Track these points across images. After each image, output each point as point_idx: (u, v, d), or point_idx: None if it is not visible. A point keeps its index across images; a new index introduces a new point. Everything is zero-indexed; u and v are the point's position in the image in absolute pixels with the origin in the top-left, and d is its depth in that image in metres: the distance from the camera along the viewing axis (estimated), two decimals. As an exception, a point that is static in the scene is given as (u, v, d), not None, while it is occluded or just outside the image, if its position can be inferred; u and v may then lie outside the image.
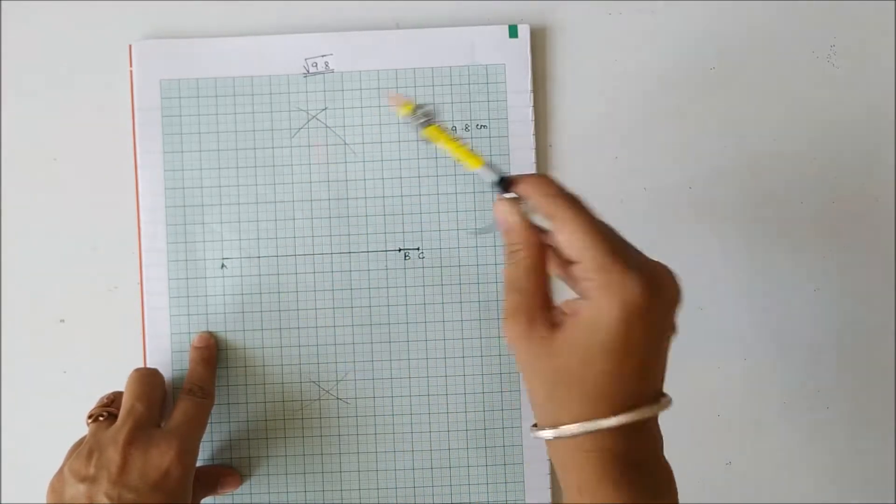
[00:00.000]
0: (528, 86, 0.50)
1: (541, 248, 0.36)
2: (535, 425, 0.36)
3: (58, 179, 0.50)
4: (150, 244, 0.49)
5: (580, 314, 0.34)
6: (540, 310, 0.35)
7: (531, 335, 0.35)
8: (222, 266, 0.50)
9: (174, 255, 0.49)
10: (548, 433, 0.35)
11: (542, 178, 0.36)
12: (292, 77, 0.50)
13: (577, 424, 0.34)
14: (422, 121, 0.39)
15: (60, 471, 0.42)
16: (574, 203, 0.35)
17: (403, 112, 0.39)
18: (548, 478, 0.49)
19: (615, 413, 0.33)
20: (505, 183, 0.37)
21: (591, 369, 0.34)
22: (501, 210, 0.37)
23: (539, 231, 0.36)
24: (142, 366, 0.49)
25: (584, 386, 0.34)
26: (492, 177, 0.37)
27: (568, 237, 0.34)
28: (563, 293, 0.36)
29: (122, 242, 0.50)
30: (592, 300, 0.33)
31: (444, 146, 0.39)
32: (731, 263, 0.51)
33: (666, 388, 0.51)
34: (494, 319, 0.50)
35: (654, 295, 0.33)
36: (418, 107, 0.39)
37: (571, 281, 0.36)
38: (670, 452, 0.51)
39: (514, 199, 0.37)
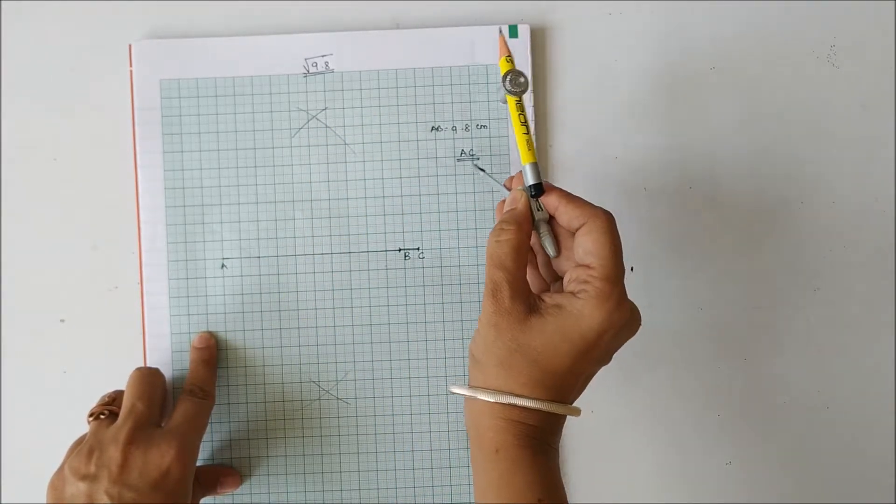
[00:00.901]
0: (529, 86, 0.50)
1: (528, 237, 0.40)
2: (470, 386, 0.39)
3: (58, 179, 0.50)
4: (150, 244, 0.49)
5: (564, 307, 0.37)
6: (521, 289, 0.38)
7: (511, 310, 0.37)
8: (222, 266, 0.50)
9: (174, 255, 0.49)
10: (487, 395, 0.37)
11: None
12: (292, 77, 0.50)
13: (523, 399, 0.37)
14: (510, 89, 0.41)
15: (61, 469, 0.42)
16: (609, 218, 0.39)
17: (501, 67, 0.42)
18: (548, 478, 0.49)
19: (552, 399, 0.37)
20: (539, 189, 0.40)
21: (550, 355, 0.37)
22: (516, 195, 0.41)
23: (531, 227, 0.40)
24: (142, 365, 0.49)
25: (537, 366, 0.37)
26: (533, 178, 0.40)
27: (593, 244, 0.38)
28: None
29: (122, 242, 0.50)
30: (583, 301, 0.37)
31: (513, 124, 0.41)
32: (731, 263, 0.51)
33: (667, 388, 0.51)
34: (494, 319, 0.49)
35: (628, 327, 0.38)
36: (517, 73, 0.41)
37: (550, 276, 0.42)
38: (670, 452, 0.51)
39: (527, 194, 0.41)
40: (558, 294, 0.38)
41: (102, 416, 0.44)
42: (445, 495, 0.49)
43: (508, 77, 0.41)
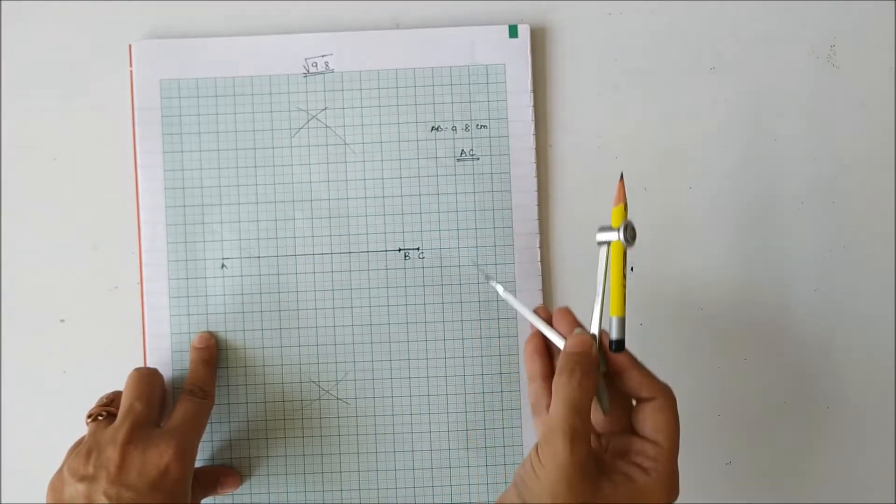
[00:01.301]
0: (528, 86, 0.50)
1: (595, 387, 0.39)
2: None
3: (58, 179, 0.50)
4: (150, 244, 0.49)
5: (635, 481, 0.37)
6: (591, 445, 0.37)
7: (586, 464, 0.36)
8: (222, 266, 0.50)
9: (174, 255, 0.49)
10: None
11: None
12: (292, 77, 0.50)
13: None
14: (628, 239, 0.38)
15: (60, 470, 0.42)
16: (674, 398, 0.39)
17: (614, 212, 0.39)
18: (548, 478, 0.49)
19: None
20: (621, 346, 0.39)
21: None
22: (586, 340, 0.39)
23: None
24: (142, 365, 0.49)
25: None
26: (618, 334, 0.39)
27: (666, 424, 0.38)
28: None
29: (122, 242, 0.50)
30: (654, 480, 0.37)
31: (612, 273, 0.39)
32: (731, 263, 0.51)
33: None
34: (494, 319, 0.50)
35: None
36: (631, 224, 0.39)
37: (623, 442, 0.39)
38: (670, 452, 0.51)
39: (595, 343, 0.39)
40: (624, 462, 0.38)
41: (101, 417, 0.44)
42: (445, 495, 0.49)
43: (628, 228, 0.39)
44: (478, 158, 0.50)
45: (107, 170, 0.50)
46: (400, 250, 0.50)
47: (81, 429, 0.45)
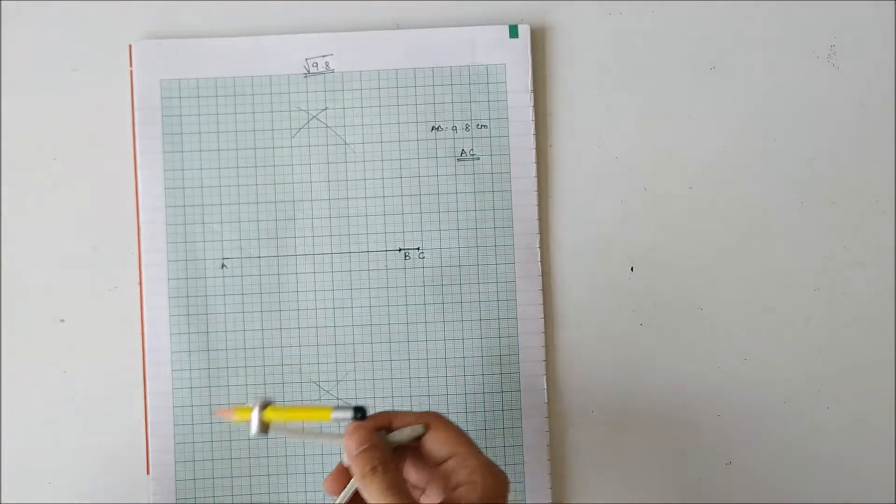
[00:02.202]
0: (528, 86, 0.50)
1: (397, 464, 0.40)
2: None
3: (58, 179, 0.50)
4: (150, 244, 0.49)
5: (475, 483, 0.38)
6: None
7: None
8: (222, 266, 0.50)
9: (174, 255, 0.49)
10: None
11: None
12: (292, 77, 0.50)
13: None
14: (262, 404, 0.40)
15: None
16: (440, 415, 0.41)
17: (243, 417, 0.40)
18: (548, 478, 0.49)
19: None
20: (362, 410, 0.39)
21: None
22: (359, 437, 0.39)
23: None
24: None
25: None
26: (348, 413, 0.39)
27: (444, 437, 0.39)
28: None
29: (122, 242, 0.50)
30: (476, 483, 0.38)
31: (291, 416, 0.40)
32: (731, 263, 0.51)
33: (667, 388, 0.51)
34: (494, 319, 0.50)
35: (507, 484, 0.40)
36: (258, 400, 0.40)
37: (437, 478, 0.40)
38: (671, 452, 0.51)
39: (363, 425, 0.39)
40: (448, 490, 0.39)
41: None
42: (445, 495, 0.49)
43: (259, 401, 0.40)
44: (478, 158, 0.50)
45: (107, 170, 0.50)
46: (400, 250, 0.50)
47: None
